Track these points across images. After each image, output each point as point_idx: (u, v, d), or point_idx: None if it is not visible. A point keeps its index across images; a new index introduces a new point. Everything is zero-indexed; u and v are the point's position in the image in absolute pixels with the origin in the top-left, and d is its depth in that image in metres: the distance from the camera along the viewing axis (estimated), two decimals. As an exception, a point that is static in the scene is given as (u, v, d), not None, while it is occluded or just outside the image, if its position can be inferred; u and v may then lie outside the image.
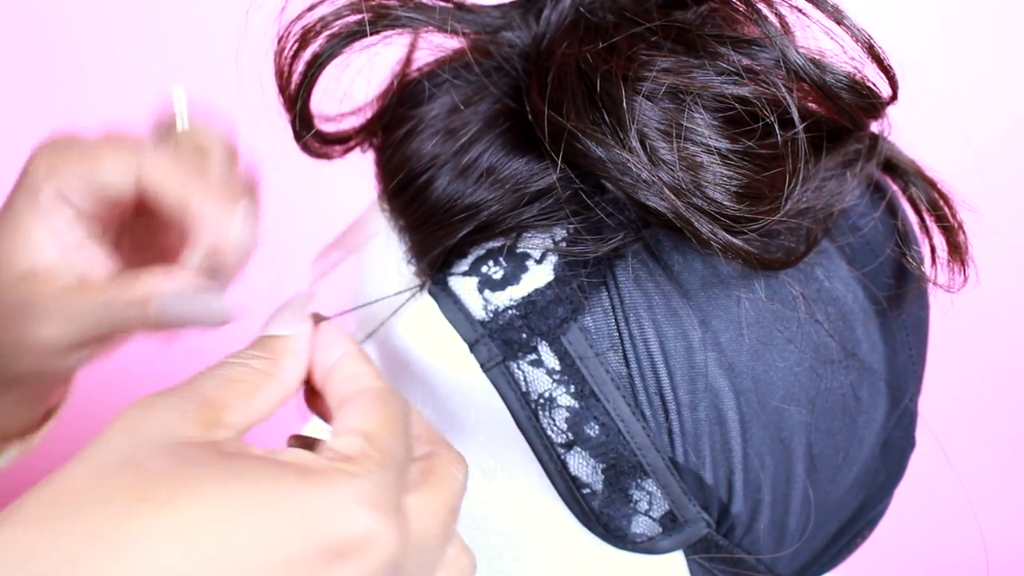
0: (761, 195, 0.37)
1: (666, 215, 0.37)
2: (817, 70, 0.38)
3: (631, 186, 0.37)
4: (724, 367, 0.39)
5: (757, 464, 0.40)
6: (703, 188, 0.37)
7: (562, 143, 0.38)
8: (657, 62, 0.38)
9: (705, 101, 0.38)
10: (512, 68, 0.42)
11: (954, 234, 0.43)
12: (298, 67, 0.42)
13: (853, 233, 0.42)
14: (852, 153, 0.40)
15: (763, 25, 0.39)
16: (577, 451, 0.40)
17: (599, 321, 0.39)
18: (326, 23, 0.42)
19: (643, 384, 0.39)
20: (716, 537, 0.41)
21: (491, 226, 0.40)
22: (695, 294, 0.40)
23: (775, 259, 0.38)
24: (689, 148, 0.37)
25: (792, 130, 0.38)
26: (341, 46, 0.42)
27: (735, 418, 0.40)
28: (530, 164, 0.40)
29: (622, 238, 0.39)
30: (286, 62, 0.42)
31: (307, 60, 0.42)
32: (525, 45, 0.42)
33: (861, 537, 0.47)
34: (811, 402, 0.41)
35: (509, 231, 0.40)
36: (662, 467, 0.40)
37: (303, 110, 0.43)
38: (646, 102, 0.37)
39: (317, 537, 0.29)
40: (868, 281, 0.42)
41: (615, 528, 0.41)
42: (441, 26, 0.42)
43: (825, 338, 0.41)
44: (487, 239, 0.41)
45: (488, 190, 0.40)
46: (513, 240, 0.40)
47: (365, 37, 0.42)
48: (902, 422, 0.45)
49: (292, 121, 0.43)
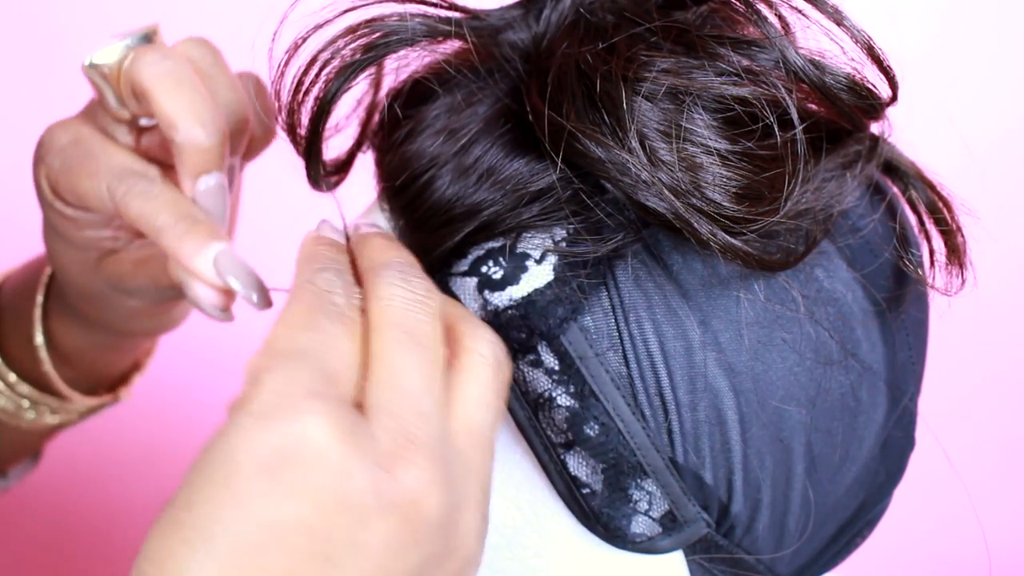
0: (760, 196, 0.37)
1: (665, 216, 0.37)
2: (816, 71, 0.38)
3: (631, 187, 0.37)
4: (724, 367, 0.39)
5: (757, 464, 0.40)
6: (702, 189, 0.37)
7: (562, 143, 0.38)
8: (657, 63, 0.38)
9: (705, 102, 0.38)
10: (512, 69, 0.42)
11: (953, 237, 0.43)
12: (305, 110, 0.42)
13: (853, 234, 0.42)
14: (852, 154, 0.40)
15: (762, 26, 0.39)
16: (577, 451, 0.40)
17: (599, 321, 0.39)
18: (325, 62, 0.41)
19: (643, 384, 0.39)
20: (716, 537, 0.41)
21: (491, 226, 0.40)
22: (695, 294, 0.40)
23: (774, 260, 0.38)
24: (688, 149, 0.37)
25: (791, 131, 0.38)
26: (346, 82, 0.41)
27: (735, 418, 0.40)
28: (530, 164, 0.40)
29: (622, 238, 0.40)
30: (296, 104, 0.42)
31: (312, 104, 0.42)
32: (525, 46, 0.42)
33: (861, 537, 0.47)
34: (811, 402, 0.41)
35: (509, 231, 0.40)
36: (662, 467, 0.40)
37: (315, 152, 0.43)
38: (645, 103, 0.37)
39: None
40: (868, 281, 0.42)
41: (615, 528, 0.41)
42: (444, 36, 0.42)
43: (825, 338, 0.41)
44: (487, 239, 0.41)
45: (488, 191, 0.40)
46: (513, 240, 0.40)
47: (369, 67, 0.42)
48: (902, 422, 0.45)
49: (307, 167, 0.44)
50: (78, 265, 0.50)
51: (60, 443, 0.63)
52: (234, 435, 0.32)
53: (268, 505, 0.31)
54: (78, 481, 1.07)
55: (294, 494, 0.32)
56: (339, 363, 0.34)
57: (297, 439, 0.32)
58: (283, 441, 0.32)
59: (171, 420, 1.07)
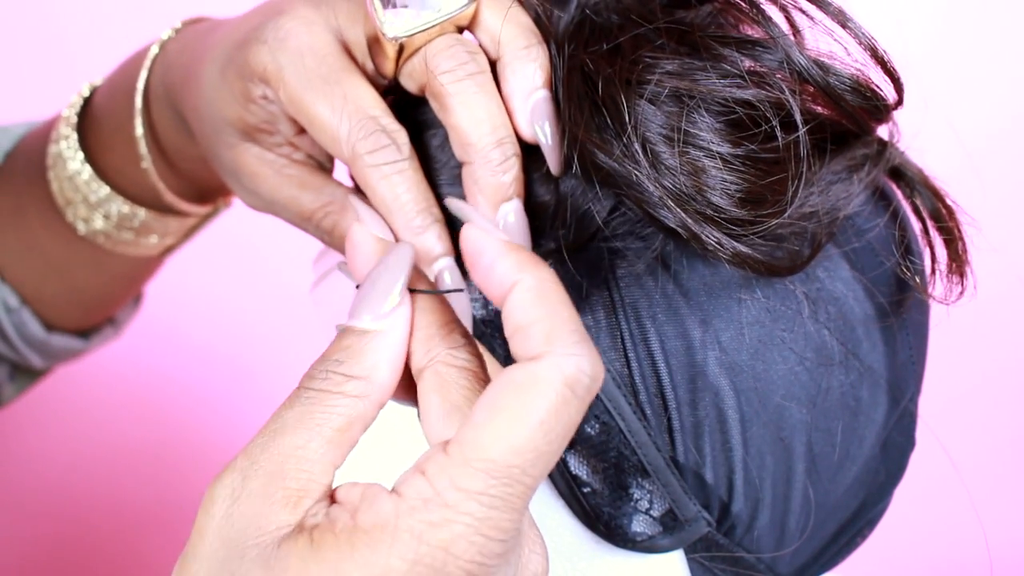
0: (763, 199, 0.37)
1: (675, 229, 0.37)
2: (820, 72, 0.38)
3: (639, 199, 0.37)
4: (725, 366, 0.39)
5: (757, 463, 0.40)
6: (705, 193, 0.37)
7: (574, 149, 0.38)
8: (661, 65, 0.38)
9: (708, 105, 0.38)
10: None
11: (955, 246, 0.43)
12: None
13: (858, 237, 0.42)
14: (859, 158, 0.40)
15: (766, 26, 0.39)
16: (577, 450, 0.40)
17: (600, 319, 0.40)
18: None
19: (643, 383, 0.39)
20: (716, 536, 0.41)
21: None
22: (695, 293, 0.40)
23: (781, 266, 0.38)
24: (691, 152, 0.37)
25: (795, 133, 0.38)
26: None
27: (736, 417, 0.40)
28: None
29: (622, 238, 0.40)
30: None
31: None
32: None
33: (861, 537, 0.47)
34: (811, 401, 0.41)
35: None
36: (663, 466, 0.40)
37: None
38: (649, 106, 0.37)
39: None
40: (870, 284, 0.42)
41: (615, 527, 0.41)
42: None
43: (826, 338, 0.41)
44: None
45: None
46: (513, 239, 0.40)
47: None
48: (902, 422, 0.45)
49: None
50: (209, 137, 0.45)
51: (60, 443, 0.64)
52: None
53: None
54: (79, 481, 1.07)
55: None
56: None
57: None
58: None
59: (171, 419, 1.07)
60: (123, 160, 0.56)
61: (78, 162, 0.56)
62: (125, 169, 0.56)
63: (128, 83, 0.54)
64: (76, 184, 0.57)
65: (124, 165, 0.56)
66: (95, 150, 0.57)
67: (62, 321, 0.63)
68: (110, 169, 0.57)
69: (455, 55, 0.39)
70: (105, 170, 0.57)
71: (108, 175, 0.57)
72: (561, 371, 0.30)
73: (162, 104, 0.52)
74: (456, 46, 0.39)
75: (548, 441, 0.30)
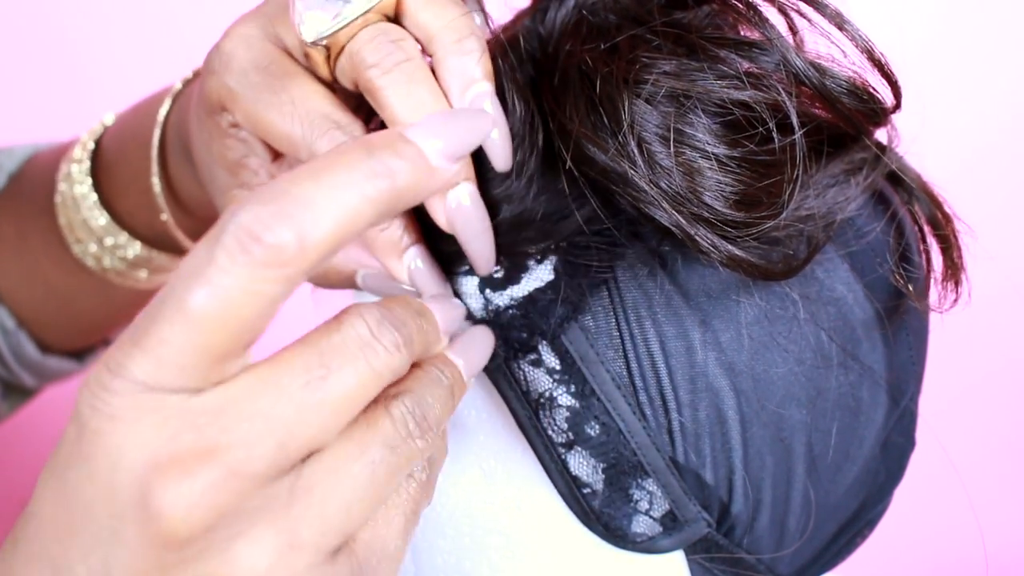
0: (759, 201, 0.37)
1: (669, 228, 0.37)
2: (817, 74, 0.38)
3: (635, 198, 0.37)
4: (724, 367, 0.40)
5: (757, 464, 0.40)
6: (700, 194, 0.37)
7: (569, 146, 0.38)
8: (658, 65, 0.38)
9: (705, 105, 0.38)
10: (525, 73, 0.42)
11: (951, 253, 0.43)
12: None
13: (858, 239, 0.42)
14: (857, 161, 0.40)
15: (763, 28, 0.39)
16: (577, 451, 0.40)
17: (599, 320, 0.40)
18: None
19: (643, 383, 0.39)
20: (716, 537, 0.41)
21: (496, 228, 0.40)
22: (695, 294, 0.40)
23: (776, 269, 0.38)
24: (687, 153, 0.37)
25: (791, 135, 0.37)
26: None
27: (735, 418, 0.40)
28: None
29: (623, 238, 0.40)
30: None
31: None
32: (534, 49, 0.42)
33: (861, 537, 0.47)
34: (811, 402, 0.41)
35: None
36: (663, 467, 0.40)
37: None
38: (645, 105, 0.37)
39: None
40: (870, 284, 0.42)
41: (615, 528, 0.41)
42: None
43: (825, 338, 0.41)
44: None
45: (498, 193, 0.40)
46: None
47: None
48: (902, 422, 0.45)
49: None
50: (204, 169, 0.45)
51: (45, 441, 0.63)
52: None
53: None
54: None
55: None
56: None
57: None
58: None
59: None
60: (138, 206, 0.56)
61: (96, 210, 0.56)
62: (139, 214, 0.56)
63: (141, 134, 0.54)
64: (91, 228, 0.56)
65: (139, 210, 0.56)
66: (109, 195, 0.57)
67: (59, 343, 0.63)
68: (125, 213, 0.57)
69: (379, 47, 0.37)
70: (120, 215, 0.57)
71: (123, 219, 0.57)
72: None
73: (179, 158, 0.52)
74: (379, 37, 0.37)
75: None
